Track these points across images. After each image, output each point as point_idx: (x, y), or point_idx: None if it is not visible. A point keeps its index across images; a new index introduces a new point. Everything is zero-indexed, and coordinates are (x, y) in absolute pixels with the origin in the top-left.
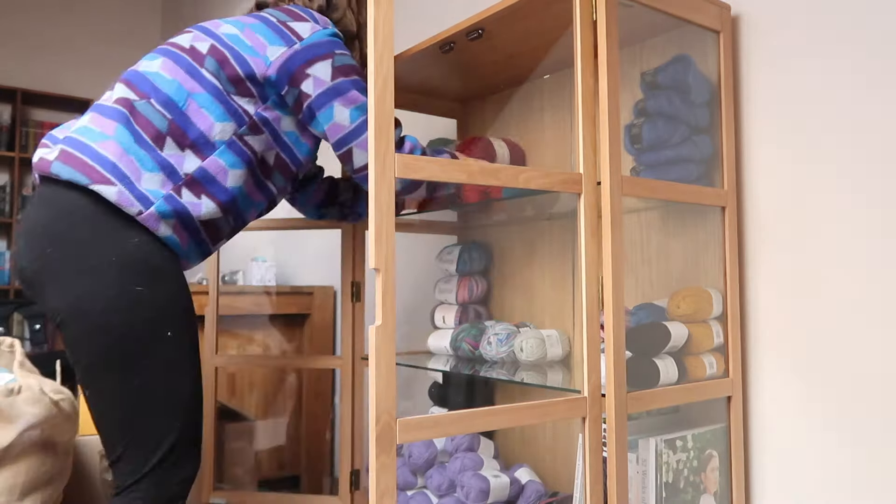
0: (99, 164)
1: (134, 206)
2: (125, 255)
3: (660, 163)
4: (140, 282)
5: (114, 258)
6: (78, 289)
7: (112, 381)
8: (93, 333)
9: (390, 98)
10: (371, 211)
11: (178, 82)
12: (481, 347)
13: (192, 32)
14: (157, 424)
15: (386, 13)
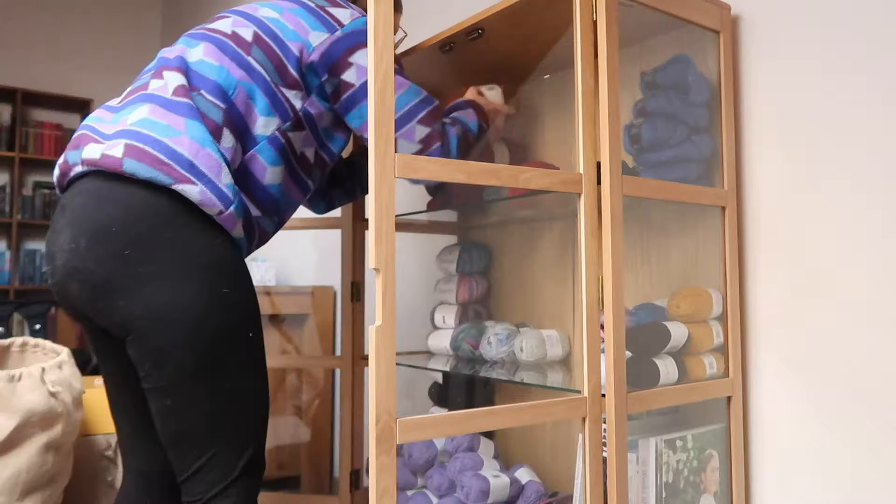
0: (176, 163)
1: (216, 206)
2: (212, 257)
3: (660, 163)
4: (227, 283)
5: (202, 260)
6: (166, 294)
7: (203, 387)
8: (185, 340)
9: (390, 98)
10: (371, 211)
11: (225, 69)
12: (481, 347)
13: (231, 17)
14: (246, 425)
15: (386, 12)
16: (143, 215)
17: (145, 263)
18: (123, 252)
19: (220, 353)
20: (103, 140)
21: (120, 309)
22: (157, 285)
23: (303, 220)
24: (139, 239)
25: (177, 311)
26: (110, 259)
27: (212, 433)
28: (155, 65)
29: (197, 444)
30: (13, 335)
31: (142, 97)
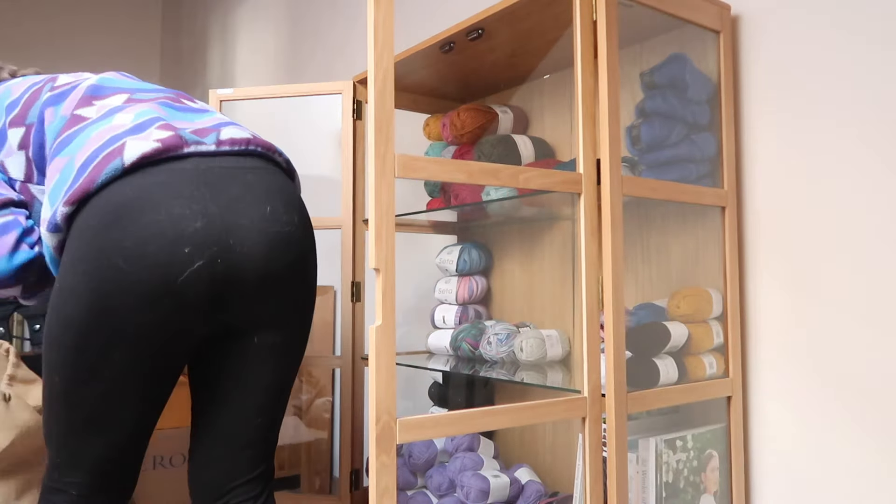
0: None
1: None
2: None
3: (659, 163)
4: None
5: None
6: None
7: (300, 353)
8: (309, 305)
9: (390, 97)
10: (371, 211)
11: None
12: (481, 347)
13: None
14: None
15: (386, 13)
16: (296, 194)
17: (310, 240)
18: (307, 218)
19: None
20: (215, 127)
21: (312, 271)
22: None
23: None
24: (305, 218)
25: (312, 301)
26: (309, 228)
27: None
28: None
29: (278, 417)
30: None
31: (202, 107)
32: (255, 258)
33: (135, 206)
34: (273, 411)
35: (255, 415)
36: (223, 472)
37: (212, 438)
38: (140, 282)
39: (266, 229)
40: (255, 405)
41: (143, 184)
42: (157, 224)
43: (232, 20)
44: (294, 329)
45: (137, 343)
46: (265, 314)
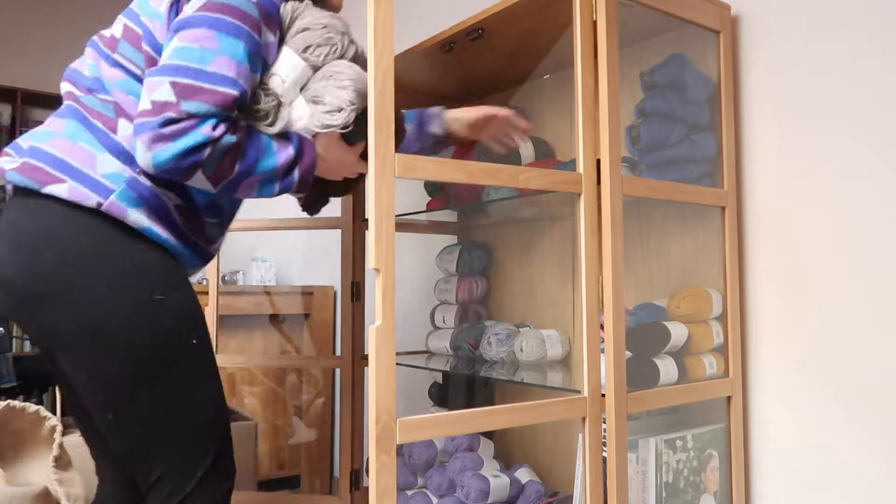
0: (47, 164)
1: (89, 198)
2: (136, 262)
3: (660, 163)
4: (157, 289)
5: (126, 266)
6: (92, 304)
7: (143, 400)
8: (116, 352)
9: (390, 96)
10: (371, 211)
11: (102, 76)
12: (481, 347)
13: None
14: (197, 437)
15: (386, 12)
16: (61, 223)
17: (67, 272)
18: (43, 259)
19: (158, 363)
20: (14, 154)
21: (42, 321)
22: (81, 296)
23: (303, 220)
24: (58, 246)
25: (103, 323)
26: (30, 267)
27: (159, 446)
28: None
29: (146, 457)
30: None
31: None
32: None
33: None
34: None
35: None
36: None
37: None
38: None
39: (13, 276)
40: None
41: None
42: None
43: None
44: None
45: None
46: (37, 339)
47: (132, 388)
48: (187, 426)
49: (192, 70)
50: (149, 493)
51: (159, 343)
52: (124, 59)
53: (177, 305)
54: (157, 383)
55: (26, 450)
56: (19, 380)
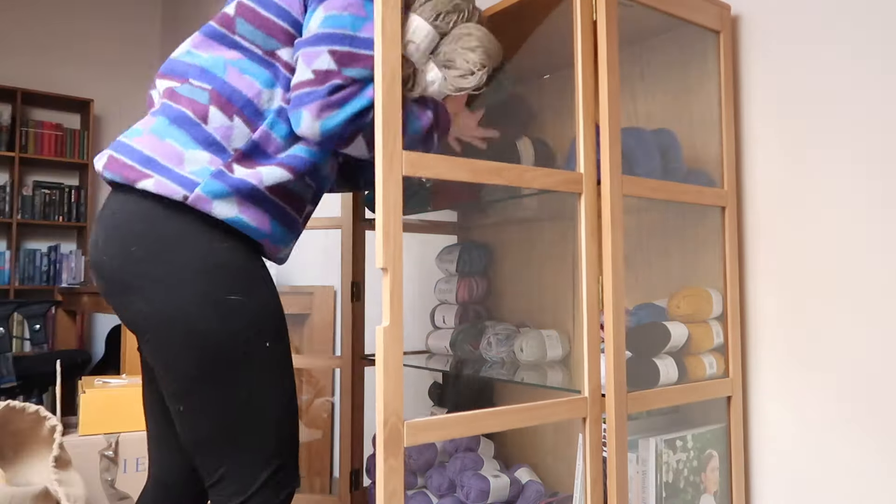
0: (136, 161)
1: (176, 192)
2: (214, 261)
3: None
4: (233, 290)
5: (200, 265)
6: (168, 296)
7: (211, 395)
8: (186, 345)
9: (397, 95)
10: (378, 210)
11: (211, 54)
12: (481, 347)
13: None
14: (263, 441)
15: (392, 9)
16: (149, 216)
17: (151, 263)
18: (130, 249)
19: (226, 362)
20: (110, 151)
21: (130, 308)
22: (161, 287)
23: None
24: (145, 238)
25: (179, 317)
26: (120, 255)
27: (225, 443)
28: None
29: (212, 452)
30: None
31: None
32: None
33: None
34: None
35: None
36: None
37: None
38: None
39: (91, 258)
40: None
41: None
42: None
43: None
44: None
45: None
46: (126, 323)
47: (201, 383)
48: (253, 429)
49: (348, 37)
50: (212, 487)
51: (230, 343)
52: (242, 39)
53: (253, 308)
54: (226, 382)
55: (26, 450)
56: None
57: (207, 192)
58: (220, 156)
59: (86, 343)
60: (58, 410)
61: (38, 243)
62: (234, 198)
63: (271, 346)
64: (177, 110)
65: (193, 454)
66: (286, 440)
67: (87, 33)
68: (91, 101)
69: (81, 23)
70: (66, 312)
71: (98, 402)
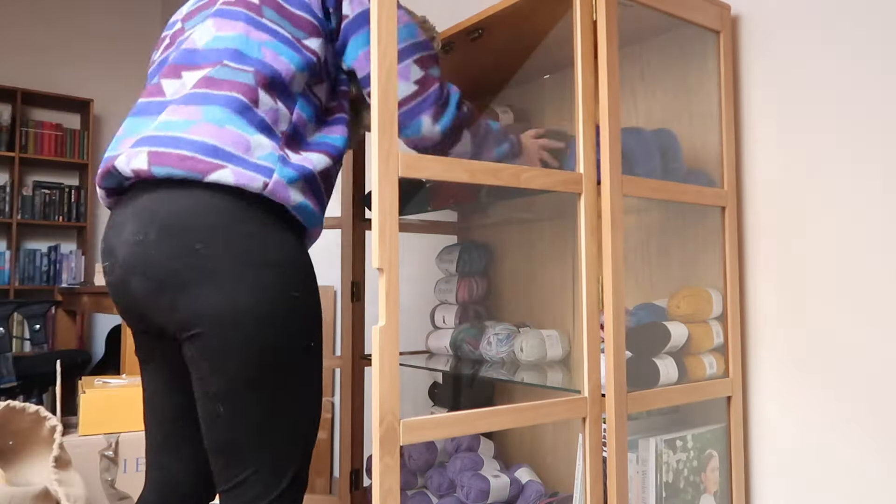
0: (200, 152)
1: (256, 181)
2: (283, 256)
3: None
4: (297, 286)
5: (272, 259)
6: (234, 293)
7: (259, 396)
8: (248, 344)
9: (394, 96)
10: (375, 211)
11: (242, 35)
12: (481, 347)
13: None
14: (296, 440)
15: (389, 11)
16: (212, 212)
17: (215, 259)
18: (194, 246)
19: (281, 362)
20: (129, 149)
21: (185, 305)
22: (226, 283)
23: None
24: (210, 234)
25: (242, 313)
26: (181, 252)
27: (261, 446)
28: (160, 67)
29: (244, 456)
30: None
31: (160, 104)
32: (122, 282)
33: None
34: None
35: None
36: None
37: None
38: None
39: (128, 255)
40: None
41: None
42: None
43: None
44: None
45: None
46: (170, 322)
47: (252, 382)
48: (288, 432)
49: (420, 43)
50: (229, 492)
51: (286, 342)
52: (271, 23)
53: (309, 306)
54: (276, 382)
55: (26, 450)
56: (19, 380)
57: (285, 177)
58: (275, 140)
59: (86, 343)
60: (58, 410)
61: (38, 243)
62: (300, 183)
63: (315, 346)
64: (225, 96)
65: (219, 456)
66: (309, 443)
67: (86, 33)
68: (91, 101)
69: (81, 22)
70: (66, 312)
71: (98, 402)
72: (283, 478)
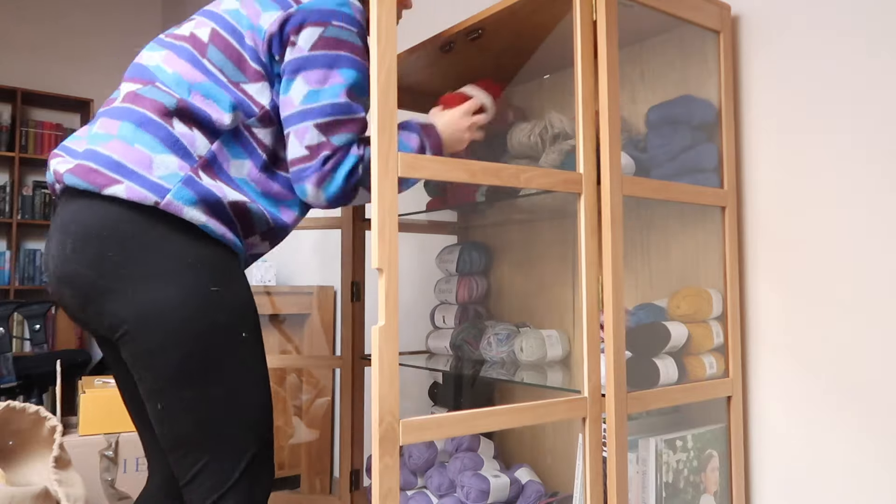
0: (104, 167)
1: (148, 198)
2: (197, 256)
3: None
4: (215, 282)
5: (186, 259)
6: (151, 294)
7: (193, 390)
8: (171, 341)
9: (393, 96)
10: (374, 211)
11: (178, 74)
12: (481, 347)
13: (195, 19)
14: (242, 432)
15: (388, 10)
16: (119, 221)
17: (129, 265)
18: (107, 254)
19: (210, 356)
20: (66, 156)
21: (108, 312)
22: (143, 286)
23: (303, 220)
24: (120, 241)
25: (162, 312)
26: (95, 261)
27: (205, 438)
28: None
29: (191, 449)
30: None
31: (101, 111)
32: (56, 294)
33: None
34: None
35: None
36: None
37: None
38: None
39: (55, 268)
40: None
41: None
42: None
43: None
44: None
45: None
46: (101, 329)
47: (183, 378)
48: (233, 421)
49: (329, 107)
50: (186, 486)
51: (213, 335)
52: (211, 65)
53: (232, 299)
54: (208, 376)
55: (26, 450)
56: (19, 380)
57: (178, 198)
58: (188, 160)
59: (86, 343)
60: (58, 410)
61: (38, 243)
62: (201, 206)
63: (247, 336)
64: (140, 113)
65: (171, 453)
66: (262, 432)
67: (86, 33)
68: (91, 101)
69: (81, 23)
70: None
71: (98, 402)
72: (237, 464)
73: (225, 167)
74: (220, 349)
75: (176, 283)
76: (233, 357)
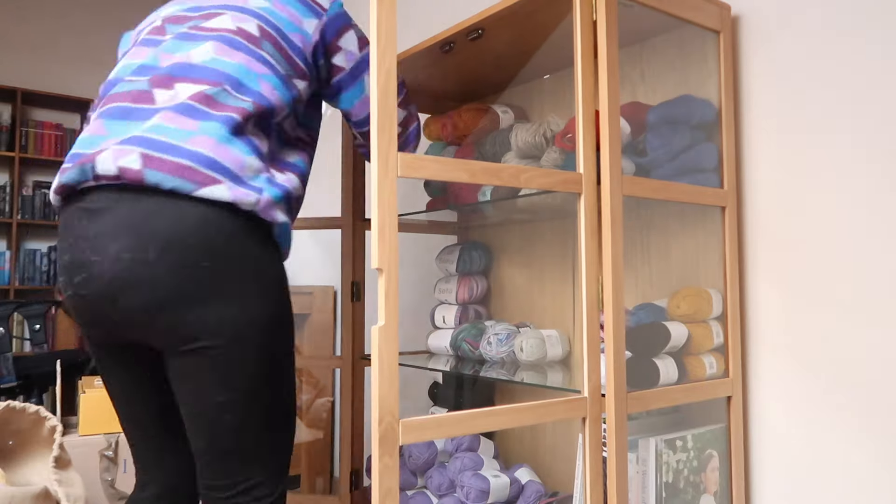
0: (197, 163)
1: (249, 198)
2: (277, 272)
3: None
4: (286, 299)
5: (270, 275)
6: (243, 308)
7: (262, 404)
8: (256, 356)
9: (393, 97)
10: (374, 211)
11: (243, 66)
12: (481, 347)
13: (228, 13)
14: (290, 441)
15: (388, 11)
16: (210, 228)
17: (221, 275)
18: (200, 263)
19: (279, 372)
20: (117, 147)
21: (192, 320)
22: (235, 297)
23: (303, 220)
24: (212, 250)
25: (251, 325)
26: (185, 269)
27: (263, 451)
28: (141, 72)
29: (248, 461)
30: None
31: (149, 111)
32: (103, 297)
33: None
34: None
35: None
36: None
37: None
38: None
39: (119, 272)
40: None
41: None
42: None
43: None
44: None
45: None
46: (166, 337)
47: (258, 391)
48: (288, 430)
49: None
50: (233, 498)
51: (284, 347)
52: (270, 58)
53: (291, 314)
54: (275, 390)
55: (26, 450)
56: (19, 380)
57: (273, 196)
58: (264, 162)
59: (85, 344)
60: (58, 410)
61: (38, 243)
62: (283, 203)
63: (292, 350)
64: (224, 115)
65: (221, 461)
66: (293, 438)
67: (87, 33)
68: (91, 101)
69: (81, 22)
70: (66, 312)
71: (98, 402)
72: (282, 479)
73: (280, 157)
74: (286, 365)
75: (265, 296)
76: (288, 373)
